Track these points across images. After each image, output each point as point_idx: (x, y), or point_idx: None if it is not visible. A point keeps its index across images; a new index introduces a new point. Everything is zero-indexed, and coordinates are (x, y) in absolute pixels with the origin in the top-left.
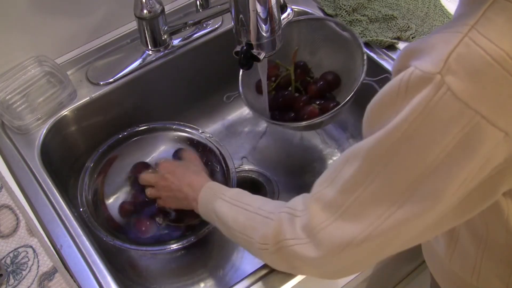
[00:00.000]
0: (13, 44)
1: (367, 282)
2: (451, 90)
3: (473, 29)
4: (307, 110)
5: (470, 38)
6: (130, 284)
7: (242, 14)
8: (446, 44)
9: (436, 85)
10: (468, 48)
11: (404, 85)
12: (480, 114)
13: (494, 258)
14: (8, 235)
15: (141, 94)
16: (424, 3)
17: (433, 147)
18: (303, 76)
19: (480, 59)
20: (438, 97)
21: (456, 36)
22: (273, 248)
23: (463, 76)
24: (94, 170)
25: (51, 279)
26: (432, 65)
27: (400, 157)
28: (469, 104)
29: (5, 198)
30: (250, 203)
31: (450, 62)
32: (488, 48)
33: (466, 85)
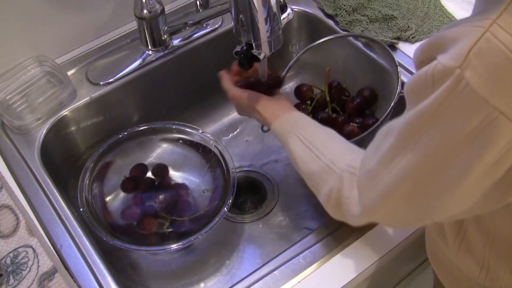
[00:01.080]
0: (13, 44)
1: (368, 282)
2: (470, 85)
3: (495, 24)
4: (347, 129)
5: (492, 32)
6: (130, 284)
7: (242, 14)
8: (468, 38)
9: (455, 78)
10: (488, 43)
11: (430, 77)
12: (498, 110)
13: (504, 253)
14: (8, 235)
15: (141, 94)
16: (424, 3)
17: (455, 134)
18: (338, 95)
19: (500, 54)
20: (458, 90)
21: (478, 31)
22: (334, 202)
23: (482, 71)
24: (94, 170)
25: (51, 279)
26: (452, 60)
27: (428, 137)
28: (487, 100)
29: (5, 198)
30: (321, 151)
31: (470, 56)
32: (508, 43)
33: (485, 80)
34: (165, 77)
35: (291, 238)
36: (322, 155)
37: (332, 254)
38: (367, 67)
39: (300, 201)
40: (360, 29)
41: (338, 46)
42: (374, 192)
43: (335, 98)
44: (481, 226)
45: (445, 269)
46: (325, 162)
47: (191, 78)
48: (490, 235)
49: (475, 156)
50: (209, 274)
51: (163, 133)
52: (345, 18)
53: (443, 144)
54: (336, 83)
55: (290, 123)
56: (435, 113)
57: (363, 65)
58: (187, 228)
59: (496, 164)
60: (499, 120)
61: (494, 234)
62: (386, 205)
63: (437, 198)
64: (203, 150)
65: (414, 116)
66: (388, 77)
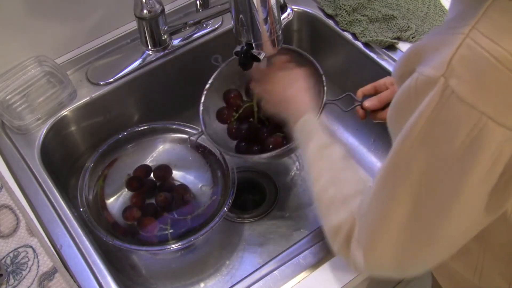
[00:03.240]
0: (13, 44)
1: (367, 282)
2: (456, 93)
3: (474, 29)
4: (271, 140)
5: (472, 39)
6: (130, 284)
7: (242, 14)
8: (448, 46)
9: (440, 88)
10: (470, 50)
11: (413, 91)
12: (486, 115)
13: (496, 256)
14: (8, 235)
15: (141, 94)
16: (424, 3)
17: (444, 148)
18: None
19: (484, 60)
20: (444, 99)
21: (458, 38)
22: (342, 241)
23: (467, 78)
24: (94, 170)
25: (51, 279)
26: (435, 69)
27: (416, 161)
28: (475, 106)
29: (5, 198)
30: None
31: (453, 64)
32: (491, 49)
33: (471, 88)
34: (165, 77)
35: (291, 238)
36: (340, 184)
37: (332, 254)
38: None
39: (300, 201)
40: (360, 29)
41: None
42: (370, 227)
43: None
44: None
45: (442, 270)
46: (343, 193)
47: (191, 78)
48: (484, 238)
49: (469, 165)
50: (209, 274)
51: (163, 133)
52: (345, 18)
53: (434, 159)
54: None
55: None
56: (423, 129)
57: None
58: (187, 228)
59: (490, 171)
60: (488, 125)
61: (488, 238)
62: (383, 238)
63: (436, 217)
64: (203, 150)
65: (401, 139)
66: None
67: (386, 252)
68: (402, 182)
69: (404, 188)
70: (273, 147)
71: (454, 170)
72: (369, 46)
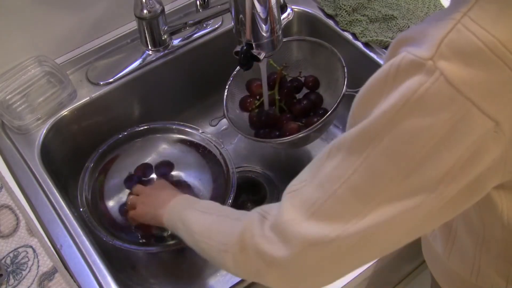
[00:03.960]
0: (13, 44)
1: (367, 282)
2: (444, 75)
3: (465, 16)
4: (288, 128)
5: (463, 24)
6: (130, 284)
7: (242, 14)
8: (439, 30)
9: (428, 70)
10: (459, 33)
11: (394, 70)
12: (470, 101)
13: (492, 254)
14: (8, 235)
15: (141, 94)
16: (424, 3)
17: (422, 134)
18: (288, 96)
19: (472, 44)
20: (430, 82)
21: (449, 23)
22: (237, 247)
23: (455, 61)
24: (94, 170)
25: (51, 279)
26: (424, 51)
27: (385, 146)
28: (461, 90)
29: (5, 198)
30: (224, 209)
31: (442, 47)
32: (479, 34)
33: (458, 70)
34: (165, 77)
35: None
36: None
37: None
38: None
39: None
40: (360, 29)
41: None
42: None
43: (284, 97)
44: (471, 229)
45: (440, 270)
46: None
47: (191, 78)
48: (480, 237)
49: (445, 151)
50: (209, 274)
51: (163, 133)
52: (345, 18)
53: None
54: (289, 83)
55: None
56: (399, 113)
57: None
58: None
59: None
60: (472, 112)
61: (483, 236)
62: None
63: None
64: (203, 150)
65: (369, 123)
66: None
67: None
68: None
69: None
70: (290, 134)
71: (431, 156)
72: (369, 46)
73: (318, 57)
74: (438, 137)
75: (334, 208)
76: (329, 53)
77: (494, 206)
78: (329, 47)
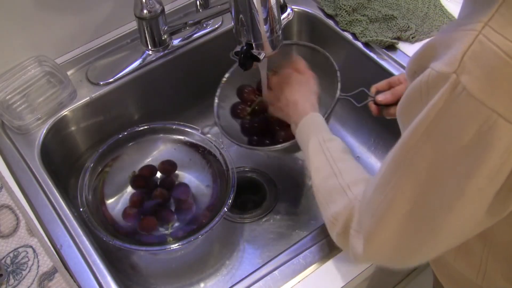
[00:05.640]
0: (13, 44)
1: (367, 282)
2: (467, 89)
3: (486, 26)
4: (281, 134)
5: (484, 35)
6: (130, 284)
7: (242, 14)
8: (461, 42)
9: (452, 84)
10: (482, 45)
11: (424, 86)
12: (496, 113)
13: (499, 256)
14: (8, 235)
15: (141, 94)
16: (424, 3)
17: (452, 143)
18: None
19: (495, 56)
20: (455, 95)
21: (470, 34)
22: (340, 229)
23: (478, 74)
24: (94, 170)
25: (51, 279)
26: (446, 65)
27: (422, 154)
28: (485, 103)
29: (5, 198)
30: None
31: (465, 61)
32: (502, 44)
33: (481, 84)
34: (165, 77)
35: (291, 238)
36: (339, 174)
37: (332, 254)
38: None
39: (300, 201)
40: (360, 29)
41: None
42: (373, 217)
43: None
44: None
45: (444, 270)
46: (341, 183)
47: (191, 78)
48: (488, 239)
49: (476, 163)
50: (209, 274)
51: (163, 133)
52: (345, 18)
53: (441, 155)
54: None
55: (314, 122)
56: (432, 123)
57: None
58: (187, 228)
59: (498, 170)
60: (498, 123)
61: (492, 238)
62: (386, 227)
63: (439, 212)
64: (203, 150)
65: (409, 132)
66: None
67: (387, 241)
68: (407, 174)
69: (408, 180)
70: (283, 140)
71: (461, 167)
72: (369, 46)
73: (313, 61)
74: (468, 146)
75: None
76: (322, 57)
77: None
78: (322, 52)
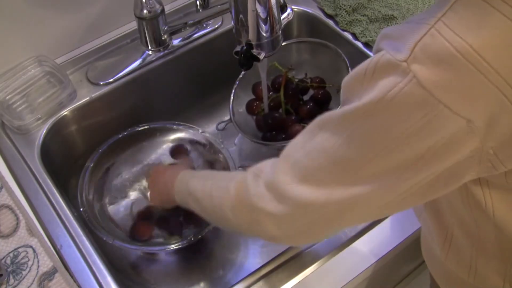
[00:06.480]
0: (13, 44)
1: (367, 282)
2: (417, 78)
3: (439, 21)
4: (294, 129)
5: (436, 29)
6: (130, 284)
7: (242, 14)
8: (414, 34)
9: (402, 72)
10: (433, 38)
11: (372, 67)
12: (442, 103)
13: (487, 254)
14: (8, 235)
15: (141, 94)
16: (424, 3)
17: (394, 128)
18: (294, 98)
19: (445, 49)
20: (404, 84)
21: (424, 27)
22: (234, 201)
23: (428, 65)
24: (94, 170)
25: (51, 279)
26: (399, 53)
27: (362, 133)
28: (433, 93)
29: (5, 198)
30: (221, 173)
31: (416, 51)
32: (452, 39)
33: (431, 74)
34: (165, 77)
35: None
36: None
37: (332, 255)
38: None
39: None
40: (360, 29)
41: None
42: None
43: (290, 100)
44: (466, 230)
45: (438, 270)
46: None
47: (191, 78)
48: (475, 237)
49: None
50: (209, 274)
51: (163, 133)
52: (345, 18)
53: (381, 138)
54: (294, 85)
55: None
56: (376, 107)
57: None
58: (187, 228)
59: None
60: (444, 112)
61: (478, 237)
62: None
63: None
64: (203, 150)
65: (351, 109)
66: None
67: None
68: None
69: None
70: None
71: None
72: (369, 46)
73: (321, 58)
74: (411, 132)
75: (321, 176)
76: (333, 54)
77: (482, 205)
78: (334, 48)
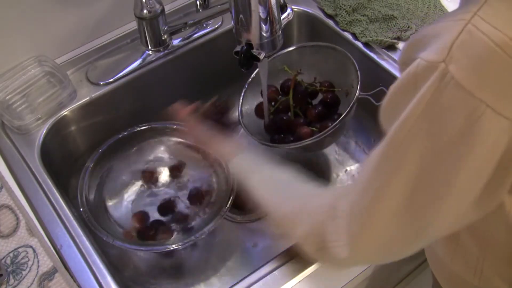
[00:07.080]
0: (13, 44)
1: (367, 282)
2: (455, 78)
3: (476, 16)
4: (301, 132)
5: (473, 24)
6: (130, 284)
7: (242, 14)
8: (450, 32)
9: (440, 73)
10: (471, 34)
11: (412, 77)
12: (485, 103)
13: (495, 257)
14: (8, 235)
15: (141, 94)
16: (424, 3)
17: (442, 135)
18: (302, 101)
19: (483, 45)
20: (444, 85)
21: (460, 24)
22: (314, 247)
23: (466, 64)
24: (94, 170)
25: (51, 279)
26: (436, 54)
27: (412, 148)
28: (473, 93)
29: (5, 198)
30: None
31: (453, 50)
32: (491, 33)
33: (470, 73)
34: (165, 77)
35: None
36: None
37: None
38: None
39: None
40: (360, 29)
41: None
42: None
43: (299, 103)
44: (474, 231)
45: (442, 272)
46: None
47: (191, 78)
48: (484, 239)
49: (465, 154)
50: (209, 274)
51: (163, 133)
52: (345, 18)
53: (430, 148)
54: (303, 89)
55: (250, 160)
56: (421, 115)
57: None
58: (187, 228)
59: (486, 161)
60: (486, 113)
61: (487, 239)
62: (374, 226)
63: (429, 207)
64: (203, 150)
65: (398, 126)
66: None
67: (375, 240)
68: (397, 172)
69: (398, 178)
70: (303, 138)
71: (450, 159)
72: (369, 46)
73: (328, 62)
74: (457, 136)
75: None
76: (342, 57)
77: (499, 209)
78: (342, 51)
